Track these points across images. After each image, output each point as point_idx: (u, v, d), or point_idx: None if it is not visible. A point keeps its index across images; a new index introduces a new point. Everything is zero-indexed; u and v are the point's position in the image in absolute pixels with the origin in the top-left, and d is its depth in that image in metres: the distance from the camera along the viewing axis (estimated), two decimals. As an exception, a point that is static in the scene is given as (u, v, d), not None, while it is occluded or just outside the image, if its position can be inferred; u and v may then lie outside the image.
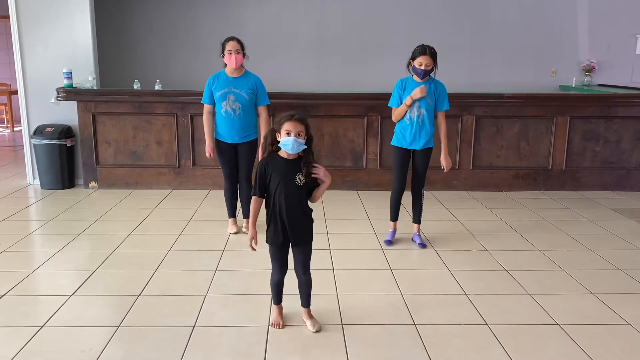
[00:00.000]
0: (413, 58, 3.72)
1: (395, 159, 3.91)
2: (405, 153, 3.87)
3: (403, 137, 3.83)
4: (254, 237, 2.63)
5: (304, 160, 2.56)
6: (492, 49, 7.41)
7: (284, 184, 2.53)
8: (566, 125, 5.44)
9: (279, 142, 2.53)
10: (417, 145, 3.81)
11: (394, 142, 3.89)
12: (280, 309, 2.79)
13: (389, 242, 3.98)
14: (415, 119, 3.76)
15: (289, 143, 2.47)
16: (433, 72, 3.73)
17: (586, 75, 7.38)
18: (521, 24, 7.37)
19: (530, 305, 3.02)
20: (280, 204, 2.54)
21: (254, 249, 2.63)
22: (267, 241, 2.66)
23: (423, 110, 3.75)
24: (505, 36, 7.39)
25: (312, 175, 2.54)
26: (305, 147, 2.53)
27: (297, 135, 2.48)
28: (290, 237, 2.59)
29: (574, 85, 7.23)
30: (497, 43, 7.40)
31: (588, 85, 7.27)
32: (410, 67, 3.76)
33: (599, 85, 7.24)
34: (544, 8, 7.35)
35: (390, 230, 4.04)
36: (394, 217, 4.04)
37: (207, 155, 4.07)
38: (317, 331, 2.68)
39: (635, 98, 5.61)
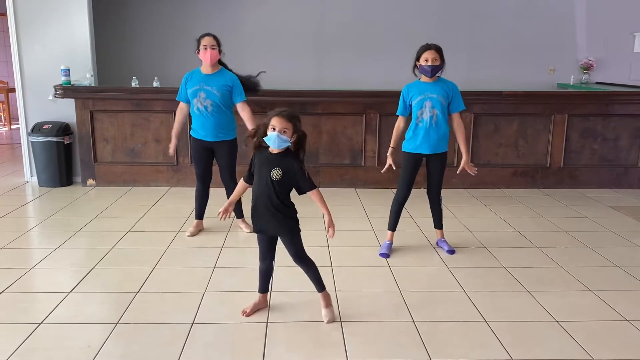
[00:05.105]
0: (417, 58, 3.49)
1: (403, 165, 3.63)
2: (415, 159, 3.60)
3: (413, 140, 3.57)
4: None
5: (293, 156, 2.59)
6: (491, 47, 7.41)
7: (259, 176, 2.60)
8: (564, 123, 5.45)
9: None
10: (428, 149, 3.55)
11: (404, 148, 3.63)
12: (260, 298, 2.87)
13: (386, 256, 3.64)
14: (428, 120, 3.50)
15: (271, 138, 2.52)
16: (441, 70, 3.49)
17: (584, 73, 7.37)
18: (519, 22, 7.37)
19: (529, 302, 3.03)
20: (256, 194, 2.64)
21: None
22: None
23: (437, 111, 3.48)
24: (504, 34, 7.38)
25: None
26: (289, 144, 2.55)
27: (282, 131, 2.51)
28: (259, 227, 2.68)
29: (572, 83, 7.24)
30: (495, 41, 7.39)
31: (586, 83, 7.27)
32: (417, 69, 3.53)
33: (597, 83, 7.25)
34: (542, 6, 7.34)
35: (387, 242, 3.74)
36: (393, 226, 3.74)
37: (169, 152, 4.14)
38: (328, 322, 2.74)
39: (633, 96, 5.61)
